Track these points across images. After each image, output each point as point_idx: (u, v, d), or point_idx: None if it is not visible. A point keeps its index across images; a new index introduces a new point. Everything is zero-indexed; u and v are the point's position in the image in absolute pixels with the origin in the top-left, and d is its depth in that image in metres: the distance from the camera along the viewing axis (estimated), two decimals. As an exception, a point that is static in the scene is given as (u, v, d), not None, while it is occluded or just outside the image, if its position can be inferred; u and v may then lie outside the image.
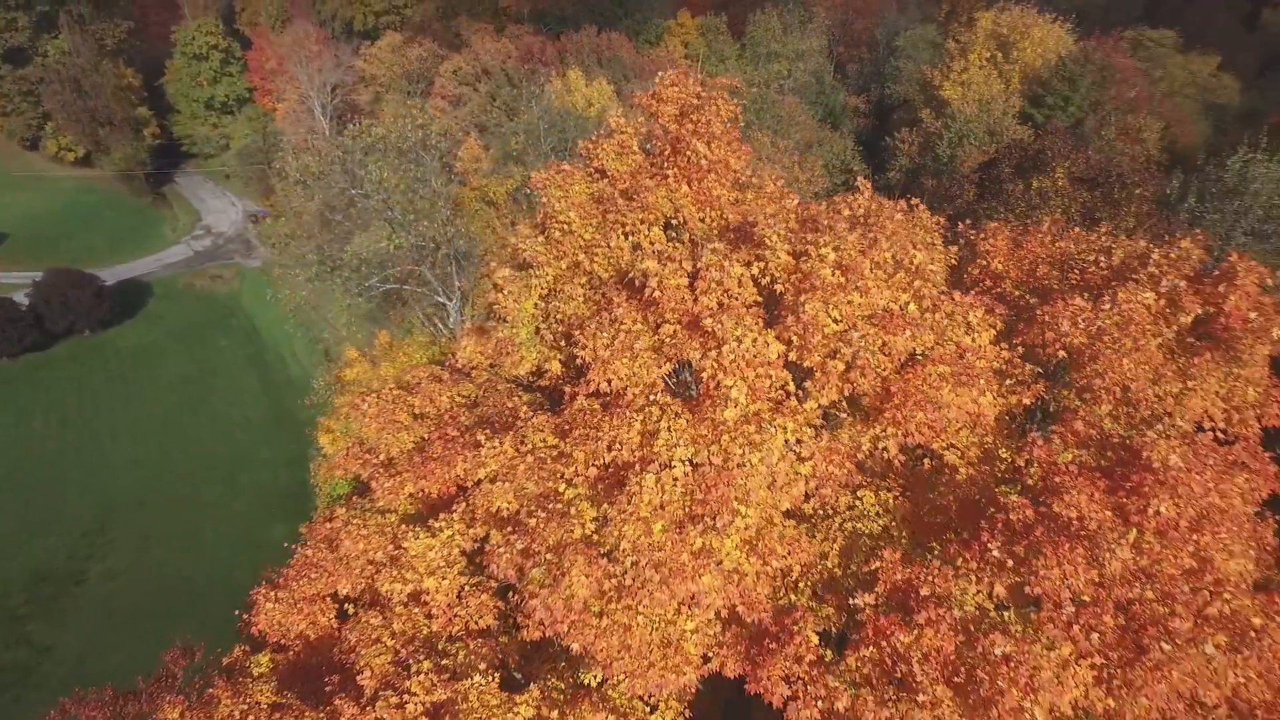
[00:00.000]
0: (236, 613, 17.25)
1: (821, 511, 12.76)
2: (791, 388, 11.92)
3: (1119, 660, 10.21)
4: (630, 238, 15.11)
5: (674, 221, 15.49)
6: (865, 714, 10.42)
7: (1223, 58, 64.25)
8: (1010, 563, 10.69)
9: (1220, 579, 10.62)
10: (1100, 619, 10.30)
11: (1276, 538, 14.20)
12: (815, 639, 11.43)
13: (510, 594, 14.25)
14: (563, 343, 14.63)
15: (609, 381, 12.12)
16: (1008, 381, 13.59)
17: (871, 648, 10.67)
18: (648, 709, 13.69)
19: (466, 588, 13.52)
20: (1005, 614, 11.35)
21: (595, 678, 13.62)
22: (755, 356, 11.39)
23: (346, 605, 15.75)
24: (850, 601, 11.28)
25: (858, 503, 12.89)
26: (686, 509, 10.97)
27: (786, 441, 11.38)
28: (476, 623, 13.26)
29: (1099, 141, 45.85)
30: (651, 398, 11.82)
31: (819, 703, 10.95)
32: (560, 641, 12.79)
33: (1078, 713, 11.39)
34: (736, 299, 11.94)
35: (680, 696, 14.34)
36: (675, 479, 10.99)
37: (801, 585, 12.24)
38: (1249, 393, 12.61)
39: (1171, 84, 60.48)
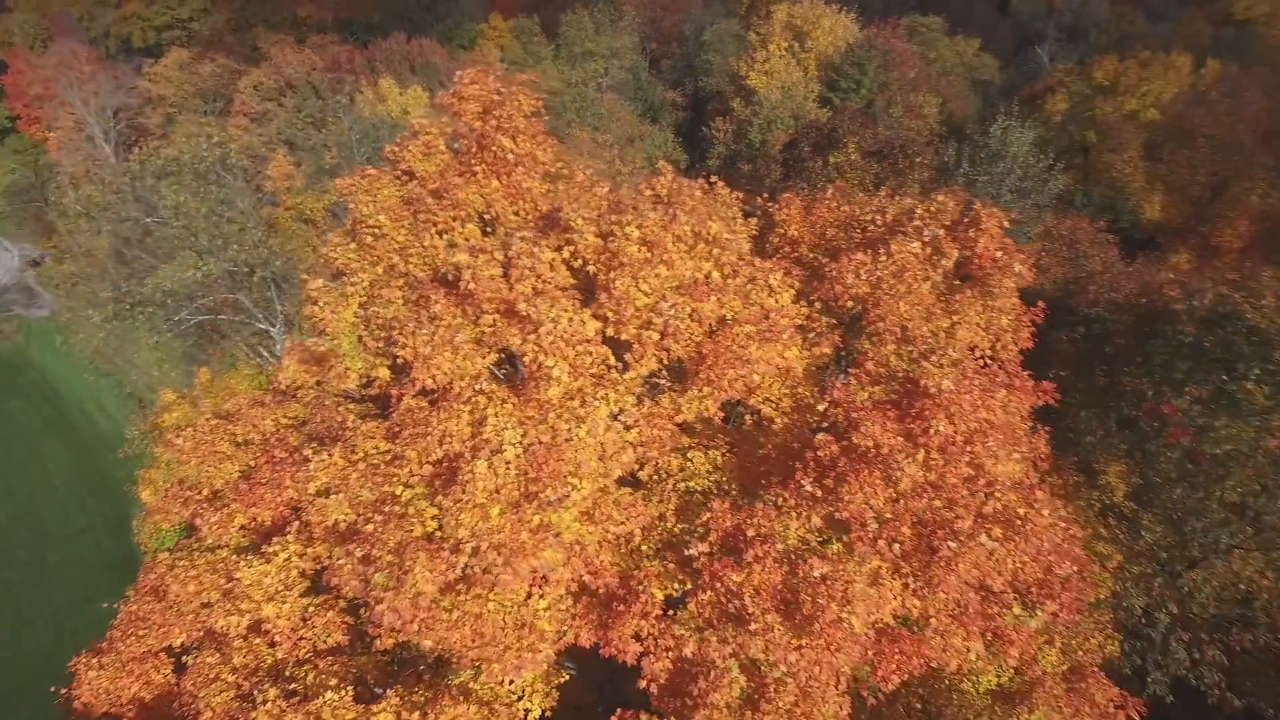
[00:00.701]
0: (53, 689, 15.62)
1: (656, 476, 13.45)
2: (612, 361, 12.50)
3: (918, 564, 11.58)
4: (445, 236, 15.15)
5: (487, 216, 15.67)
6: (711, 653, 11.20)
7: (983, 40, 72.46)
8: (820, 494, 11.81)
9: (991, 481, 12.26)
10: (899, 531, 11.63)
11: (1049, 447, 16.61)
12: (660, 595, 12.09)
13: (363, 610, 13.93)
14: (387, 346, 14.43)
15: (433, 377, 12.17)
16: (810, 335, 14.91)
17: (709, 591, 11.46)
18: (515, 696, 13.87)
19: (311, 608, 13.09)
20: (831, 546, 12.53)
21: (465, 677, 13.65)
22: (573, 335, 11.86)
23: (184, 657, 14.74)
24: (686, 553, 12.01)
25: (689, 464, 13.68)
26: (521, 489, 11.25)
27: (611, 413, 11.94)
28: (325, 642, 12.89)
29: (889, 119, 50.49)
30: (477, 388, 11.99)
31: (669, 653, 11.64)
32: (415, 644, 12.73)
33: (899, 621, 12.80)
34: (550, 283, 12.34)
35: (547, 679, 14.65)
36: (507, 462, 11.24)
37: (644, 548, 12.86)
38: (1003, 320, 14.57)
39: (944, 65, 67.42)
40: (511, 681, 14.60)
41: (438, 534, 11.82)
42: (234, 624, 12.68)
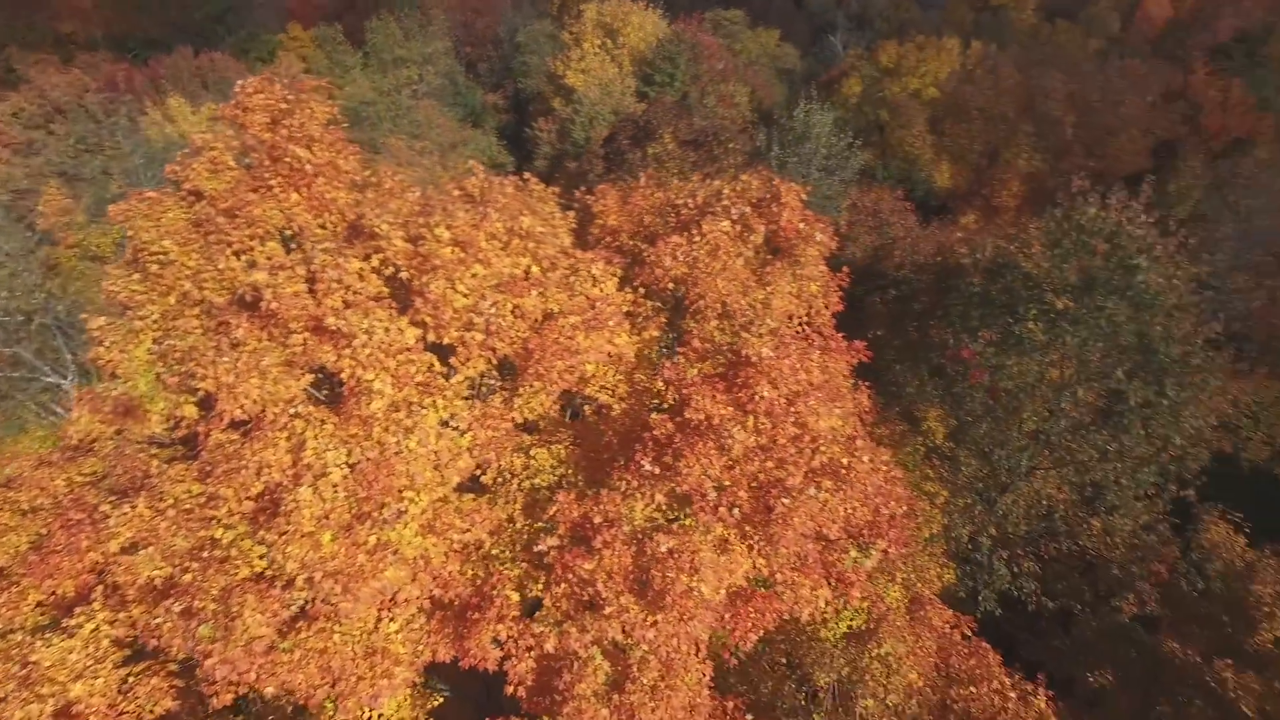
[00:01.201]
0: None
1: (499, 478, 13.25)
2: (438, 367, 12.16)
3: (759, 523, 12.14)
4: (243, 256, 14.12)
5: (289, 232, 14.77)
6: (572, 644, 11.19)
7: (782, 31, 76.92)
8: (659, 471, 12.10)
9: (816, 437, 13.06)
10: (737, 496, 12.13)
11: (872, 400, 17.92)
12: (515, 597, 11.94)
13: (197, 669, 12.79)
14: (187, 381, 13.26)
15: (242, 407, 11.31)
16: (638, 320, 15.23)
17: (563, 584, 11.45)
18: (380, 728, 13.25)
19: (131, 678, 11.82)
20: (683, 521, 12.84)
21: (325, 718, 12.85)
22: (392, 345, 11.42)
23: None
24: (536, 549, 11.93)
25: (532, 461, 13.58)
26: (353, 510, 10.73)
27: (441, 420, 11.62)
28: (152, 712, 11.68)
29: (703, 109, 52.51)
30: (293, 412, 11.28)
31: (530, 652, 11.53)
32: (261, 695, 11.85)
33: (752, 582, 13.36)
34: (361, 294, 11.82)
35: (415, 704, 14.10)
36: (334, 484, 10.67)
37: (496, 551, 12.65)
38: (813, 287, 15.55)
39: (749, 55, 70.92)
40: (379, 715, 13.94)
41: (267, 572, 11.03)
42: (35, 713, 11.19)
